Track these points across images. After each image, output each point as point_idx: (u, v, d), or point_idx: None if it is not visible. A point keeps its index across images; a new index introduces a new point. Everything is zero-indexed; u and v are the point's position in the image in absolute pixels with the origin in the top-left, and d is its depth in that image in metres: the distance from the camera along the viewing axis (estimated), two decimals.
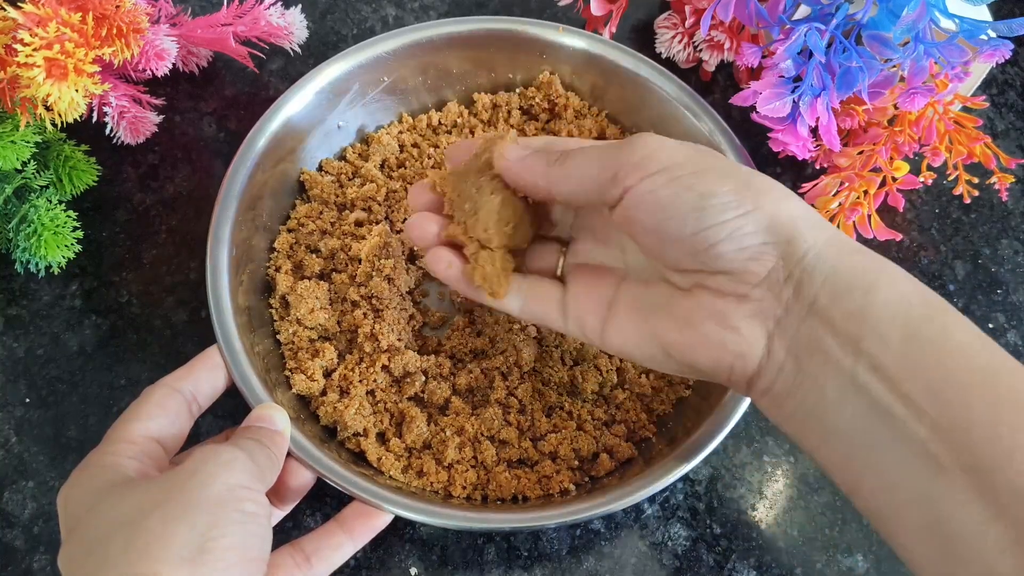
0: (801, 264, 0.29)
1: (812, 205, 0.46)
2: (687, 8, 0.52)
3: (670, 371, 0.34)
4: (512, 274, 0.36)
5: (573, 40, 0.48)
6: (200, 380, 0.37)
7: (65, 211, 0.44)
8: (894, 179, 0.46)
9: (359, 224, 0.45)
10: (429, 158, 0.48)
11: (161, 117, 0.50)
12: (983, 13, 0.48)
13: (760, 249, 0.29)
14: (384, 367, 0.41)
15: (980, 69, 0.49)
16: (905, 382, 0.26)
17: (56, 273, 0.46)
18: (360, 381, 0.41)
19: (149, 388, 0.35)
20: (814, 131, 0.45)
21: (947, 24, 0.42)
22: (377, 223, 0.45)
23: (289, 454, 0.36)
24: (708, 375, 0.32)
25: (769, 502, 0.42)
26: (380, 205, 0.46)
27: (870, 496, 0.28)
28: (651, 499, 0.42)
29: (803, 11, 0.45)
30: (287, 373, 0.42)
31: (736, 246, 0.29)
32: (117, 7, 0.41)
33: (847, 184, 0.46)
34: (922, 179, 0.46)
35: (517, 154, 0.34)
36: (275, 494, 0.37)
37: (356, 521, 0.37)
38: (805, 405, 0.29)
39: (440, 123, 0.50)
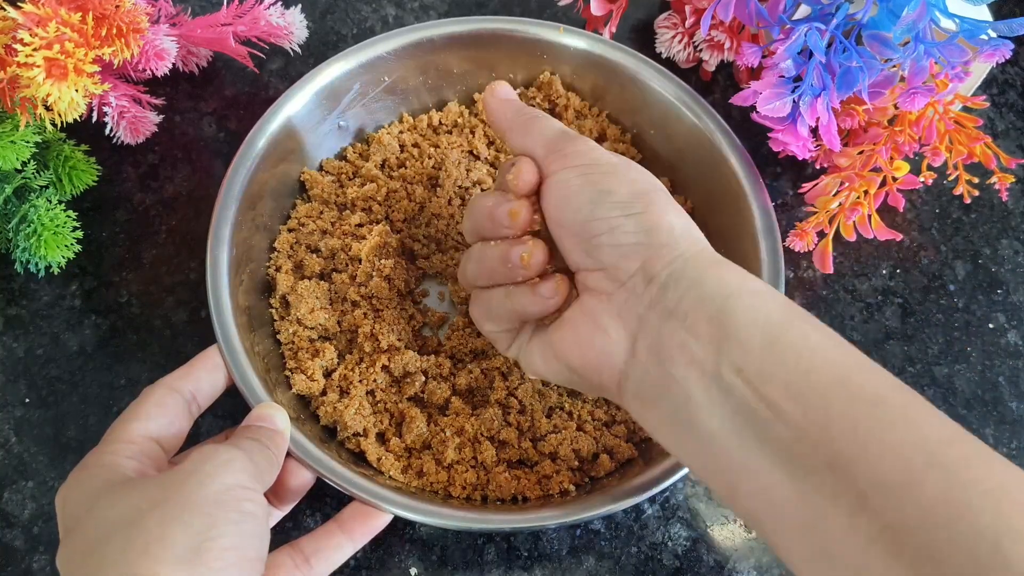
0: (669, 268, 0.30)
1: (812, 205, 0.47)
2: (687, 8, 0.52)
3: (569, 383, 0.35)
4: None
5: (574, 40, 0.48)
6: (200, 380, 0.37)
7: (65, 211, 0.44)
8: (894, 179, 0.46)
9: (359, 224, 0.45)
10: (430, 158, 0.48)
11: (161, 117, 0.50)
12: (983, 13, 0.48)
13: (633, 248, 0.31)
14: (384, 367, 0.41)
15: (980, 69, 0.49)
16: (766, 384, 0.27)
17: (56, 273, 0.46)
18: (360, 381, 0.41)
19: (148, 388, 0.35)
20: (814, 131, 0.45)
21: (947, 24, 0.42)
22: (377, 223, 0.45)
23: (289, 454, 0.36)
24: (586, 380, 0.33)
25: None
26: (380, 205, 0.46)
27: (746, 500, 0.28)
28: (651, 499, 0.42)
29: (803, 11, 0.45)
30: (287, 373, 0.42)
31: (613, 241, 0.31)
32: (117, 7, 0.41)
33: (847, 184, 0.46)
34: (922, 179, 0.46)
35: (503, 94, 0.37)
36: (274, 494, 0.37)
37: (355, 522, 0.37)
38: (675, 410, 0.29)
39: (441, 123, 0.50)
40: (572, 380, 0.34)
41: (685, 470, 0.38)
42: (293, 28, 0.50)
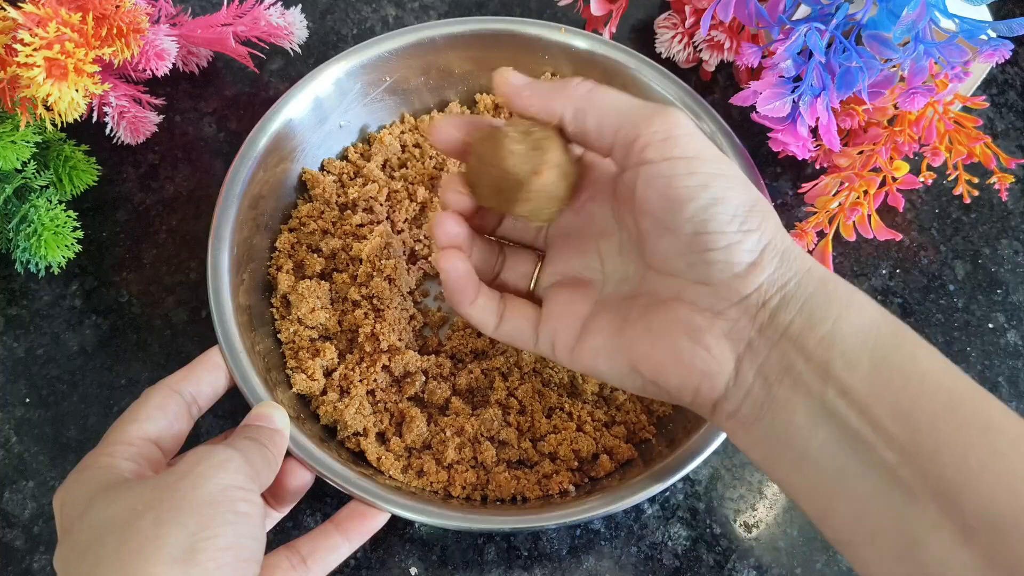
0: (783, 291, 0.29)
1: (812, 205, 0.47)
2: (687, 8, 0.52)
3: (634, 390, 0.33)
4: (490, 291, 0.34)
5: (575, 41, 0.48)
6: (201, 382, 0.37)
7: (65, 211, 0.44)
8: (894, 179, 0.46)
9: (360, 224, 0.46)
10: (431, 158, 0.48)
11: (161, 117, 0.50)
12: (983, 13, 0.48)
13: (749, 269, 0.29)
14: (384, 367, 0.41)
15: (980, 69, 0.49)
16: (874, 407, 0.26)
17: (56, 273, 0.46)
18: (360, 381, 0.41)
19: (149, 389, 0.35)
20: (814, 131, 0.45)
21: (947, 24, 0.42)
22: (378, 223, 0.45)
23: (289, 453, 0.36)
24: (673, 395, 0.31)
25: (769, 502, 0.42)
26: (382, 205, 0.46)
27: (840, 524, 0.28)
28: (651, 499, 0.42)
29: (803, 11, 0.45)
30: (288, 372, 0.42)
31: (729, 259, 0.29)
32: (117, 7, 0.41)
33: (847, 184, 0.46)
34: (922, 179, 0.46)
35: (524, 79, 0.32)
36: (273, 495, 0.37)
37: (351, 522, 0.36)
38: (774, 431, 0.29)
39: None
40: (644, 389, 0.32)
41: (685, 471, 0.38)
42: (293, 28, 0.50)
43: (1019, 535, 0.23)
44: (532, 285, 0.37)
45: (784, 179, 0.52)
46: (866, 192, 0.46)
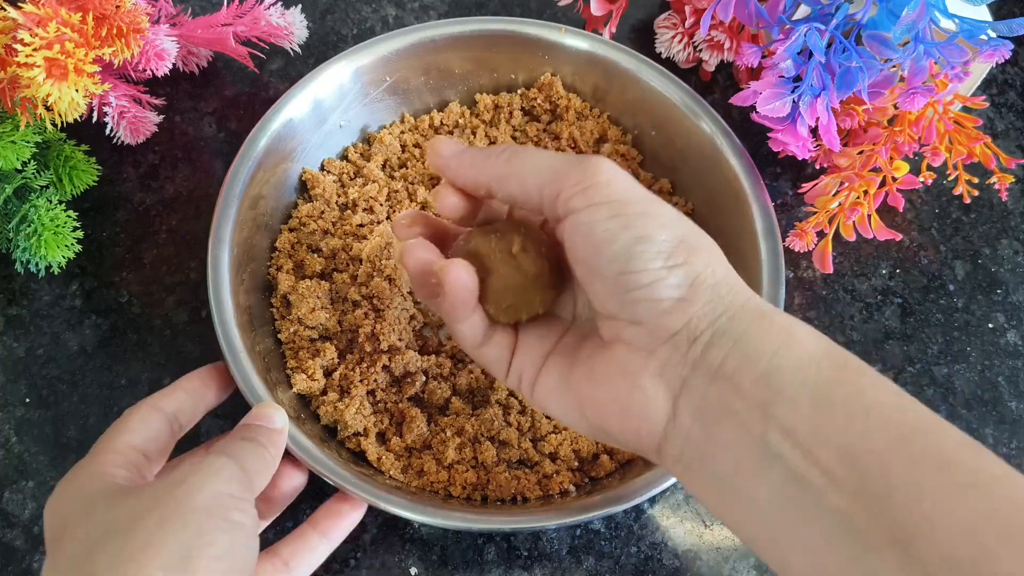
0: (714, 326, 0.28)
1: (812, 205, 0.47)
2: (687, 8, 0.52)
3: (587, 434, 0.32)
4: (482, 311, 0.33)
5: (575, 41, 0.48)
6: (182, 401, 0.36)
7: (65, 211, 0.44)
8: (894, 179, 0.46)
9: (361, 224, 0.46)
10: None
11: (161, 117, 0.50)
12: (983, 13, 0.48)
13: (676, 304, 0.28)
14: (385, 367, 0.41)
15: (980, 69, 0.49)
16: (819, 449, 0.25)
17: (56, 273, 0.46)
18: (360, 381, 0.41)
19: (131, 408, 0.35)
20: (814, 131, 0.45)
21: (947, 24, 0.42)
22: (379, 223, 0.45)
23: (288, 453, 0.36)
24: (618, 439, 0.30)
25: None
26: (382, 205, 0.46)
27: (801, 574, 0.26)
28: (651, 499, 0.42)
29: (803, 11, 0.45)
30: (288, 372, 0.42)
31: (654, 295, 0.28)
32: (117, 7, 0.41)
33: (847, 184, 0.46)
34: (922, 179, 0.46)
35: (453, 149, 0.32)
36: (264, 498, 0.36)
37: (328, 521, 0.37)
38: (720, 476, 0.28)
39: (442, 123, 0.50)
40: (595, 435, 0.32)
41: None
42: (293, 28, 0.50)
43: None
44: None
45: (784, 179, 0.52)
46: (866, 192, 0.46)
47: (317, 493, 0.41)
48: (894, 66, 0.43)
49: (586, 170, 0.29)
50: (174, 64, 0.48)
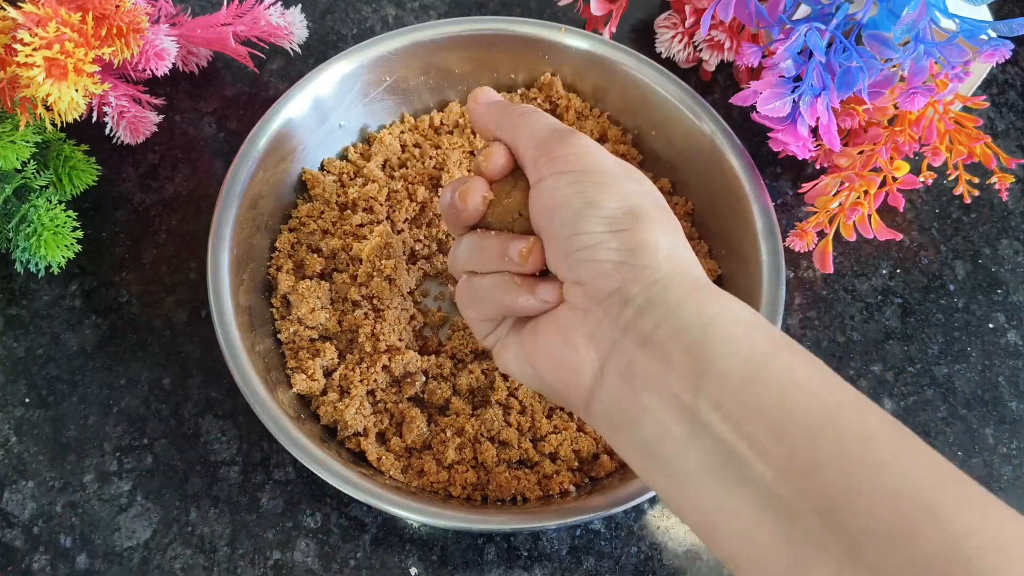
0: (647, 292, 0.29)
1: (812, 205, 0.47)
2: (687, 8, 0.52)
3: (537, 388, 0.34)
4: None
5: (575, 41, 0.48)
6: None
7: (65, 211, 0.44)
8: (894, 179, 0.46)
9: (361, 224, 0.45)
10: (431, 159, 0.48)
11: (161, 117, 0.50)
12: (983, 13, 0.48)
13: (613, 267, 0.29)
14: (385, 367, 0.41)
15: (980, 69, 0.49)
16: (748, 422, 0.26)
17: (56, 273, 0.46)
18: (360, 381, 0.41)
19: None
20: (814, 131, 0.45)
21: (947, 24, 0.42)
22: (379, 223, 0.45)
23: (292, 456, 0.36)
24: (553, 390, 0.32)
25: None
26: (382, 205, 0.46)
27: (726, 541, 0.27)
28: (652, 499, 0.42)
29: (803, 11, 0.45)
30: (288, 372, 0.42)
31: (595, 257, 0.30)
32: (117, 7, 0.41)
33: (847, 184, 0.46)
34: (922, 179, 0.46)
35: (488, 98, 0.36)
36: None
37: None
38: (647, 441, 0.28)
39: (442, 123, 0.50)
40: (540, 387, 0.33)
41: None
42: (293, 28, 0.50)
43: (903, 551, 0.23)
44: None
45: (784, 179, 0.51)
46: (866, 192, 0.46)
47: (318, 493, 0.41)
48: (894, 66, 0.43)
49: (562, 141, 0.32)
50: (174, 64, 0.48)
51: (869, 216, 0.46)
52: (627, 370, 0.28)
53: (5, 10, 0.39)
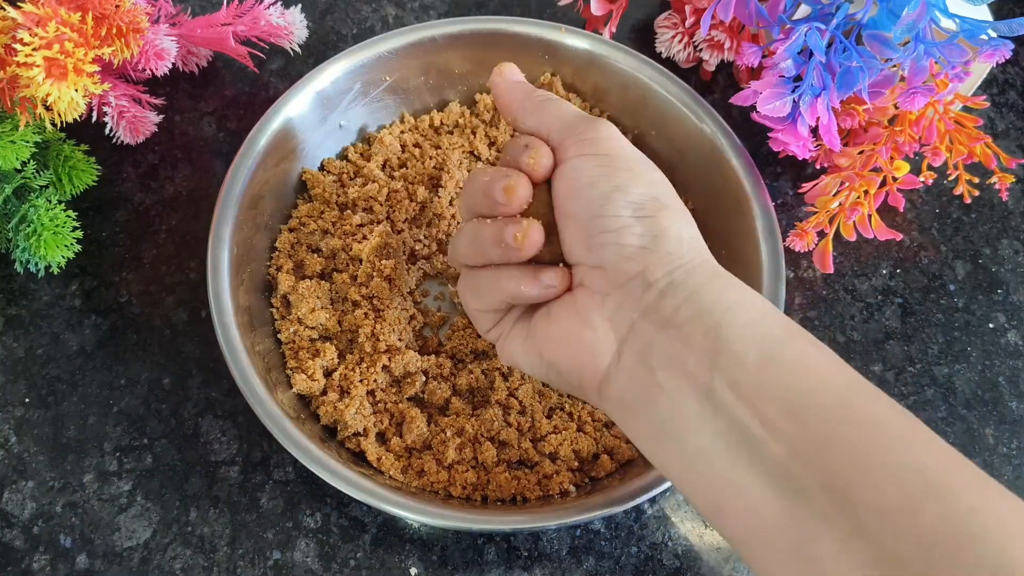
0: (669, 277, 0.30)
1: (812, 205, 0.47)
2: (687, 8, 0.52)
3: (541, 377, 0.34)
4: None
5: (576, 41, 0.48)
6: None
7: (65, 211, 0.44)
8: (894, 179, 0.46)
9: (360, 224, 0.45)
10: (431, 159, 0.48)
11: (161, 117, 0.50)
12: (983, 13, 0.48)
13: (637, 251, 0.30)
14: (384, 367, 0.41)
15: (980, 69, 0.49)
16: (762, 402, 0.27)
17: (56, 273, 0.46)
18: (360, 381, 0.41)
19: None
20: (814, 131, 0.45)
21: (947, 24, 0.42)
22: (378, 223, 0.45)
23: (291, 455, 0.36)
24: (565, 376, 0.32)
25: None
26: (381, 205, 0.46)
27: (733, 519, 0.27)
28: (651, 499, 0.42)
29: (803, 11, 0.45)
30: (288, 372, 0.42)
31: (619, 240, 0.30)
32: (117, 7, 0.41)
33: (847, 184, 0.46)
34: (922, 179, 0.46)
35: (512, 75, 0.36)
36: None
37: None
38: (661, 421, 0.29)
39: (442, 123, 0.50)
40: (549, 376, 0.33)
41: None
42: (293, 28, 0.50)
43: (907, 527, 0.24)
44: None
45: (784, 179, 0.51)
46: (866, 192, 0.46)
47: (318, 493, 0.41)
48: (894, 66, 0.43)
49: (589, 126, 0.33)
50: (174, 64, 0.48)
51: (869, 216, 0.46)
52: (645, 350, 0.29)
53: (5, 10, 0.39)
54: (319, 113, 0.46)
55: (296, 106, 0.45)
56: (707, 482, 0.28)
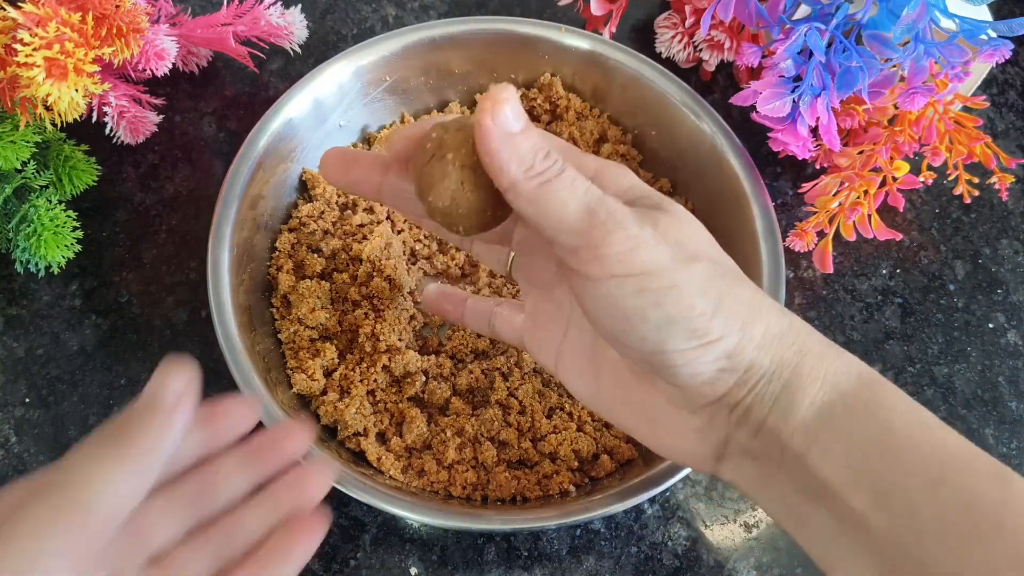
0: (754, 391, 0.28)
1: (812, 205, 0.47)
2: (687, 8, 0.52)
3: (609, 419, 0.33)
4: (476, 301, 0.35)
5: (576, 41, 0.48)
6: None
7: (65, 211, 0.44)
8: (894, 179, 0.46)
9: (361, 224, 0.45)
10: None
11: (161, 117, 0.50)
12: (983, 13, 0.48)
13: (715, 375, 0.27)
14: (384, 367, 0.41)
15: (980, 69, 0.49)
16: (853, 496, 0.26)
17: (56, 273, 0.46)
18: (360, 381, 0.41)
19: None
20: (814, 131, 0.45)
21: (947, 24, 0.42)
22: (379, 223, 0.45)
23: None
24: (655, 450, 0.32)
25: None
26: (382, 205, 0.46)
27: (828, 565, 0.28)
28: (651, 499, 0.42)
29: (803, 11, 0.45)
30: (288, 372, 0.42)
31: (693, 371, 0.27)
32: (117, 7, 0.41)
33: (847, 184, 0.46)
34: (922, 179, 0.46)
35: (504, 123, 0.26)
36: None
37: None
38: (772, 502, 0.29)
39: None
40: (623, 428, 0.33)
41: (686, 471, 0.38)
42: (293, 28, 0.50)
43: None
44: (508, 267, 0.36)
45: (784, 179, 0.51)
46: (866, 192, 0.46)
47: None
48: (894, 66, 0.43)
49: (611, 234, 0.26)
50: (174, 64, 0.48)
51: (869, 216, 0.46)
52: (747, 454, 0.29)
53: (5, 10, 0.39)
54: (319, 113, 0.46)
55: (296, 106, 0.45)
56: (822, 554, 0.28)
